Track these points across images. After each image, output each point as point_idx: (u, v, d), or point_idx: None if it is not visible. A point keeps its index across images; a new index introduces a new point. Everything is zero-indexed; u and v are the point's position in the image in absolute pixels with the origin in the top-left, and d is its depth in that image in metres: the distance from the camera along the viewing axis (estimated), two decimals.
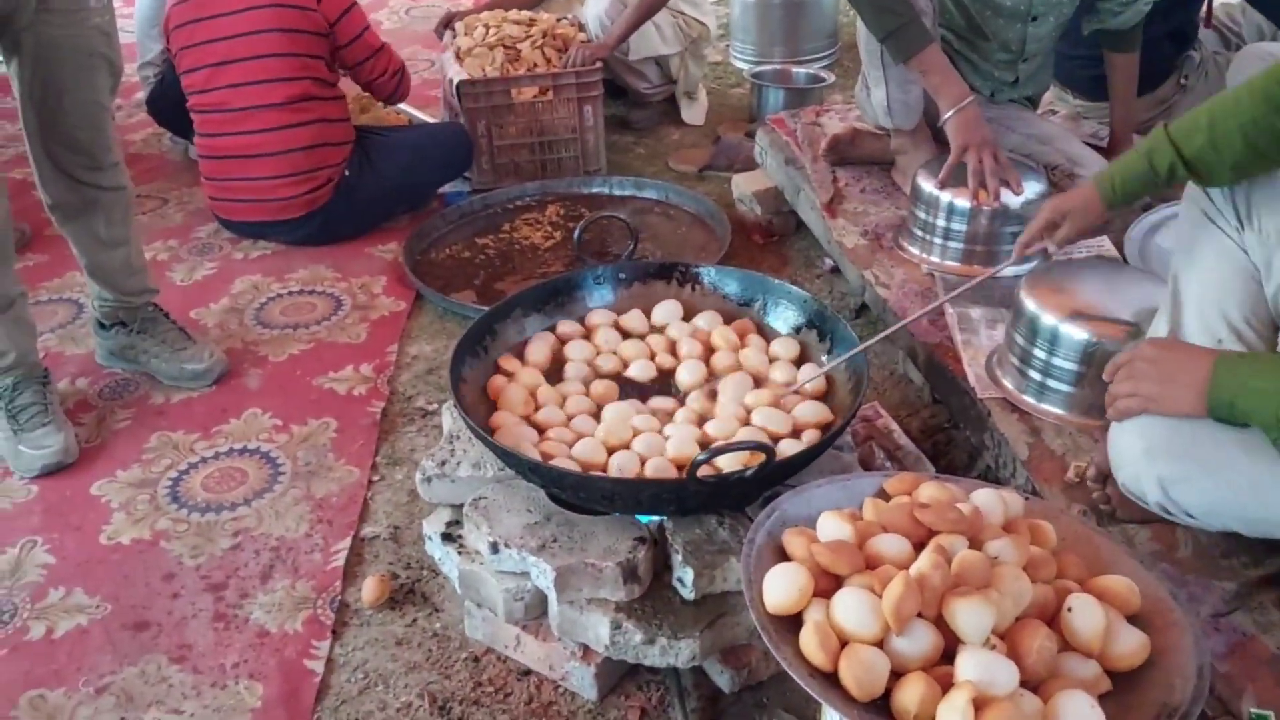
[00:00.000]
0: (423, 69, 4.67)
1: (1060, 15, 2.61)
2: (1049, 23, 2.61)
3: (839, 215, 2.77)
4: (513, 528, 1.71)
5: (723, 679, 1.74)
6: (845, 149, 2.95)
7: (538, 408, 1.88)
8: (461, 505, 1.78)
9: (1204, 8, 3.02)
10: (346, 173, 3.16)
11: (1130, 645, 1.26)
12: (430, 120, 3.79)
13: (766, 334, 2.06)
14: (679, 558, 1.67)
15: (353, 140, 3.20)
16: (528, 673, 1.79)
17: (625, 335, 2.06)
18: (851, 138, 2.95)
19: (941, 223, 2.41)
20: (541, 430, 1.82)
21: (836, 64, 4.50)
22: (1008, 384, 2.03)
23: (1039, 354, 1.94)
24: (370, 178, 3.19)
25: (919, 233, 2.49)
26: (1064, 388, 1.93)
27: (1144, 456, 1.52)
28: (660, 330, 2.06)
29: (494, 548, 1.70)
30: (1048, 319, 1.91)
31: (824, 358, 1.97)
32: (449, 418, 2.00)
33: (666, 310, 2.08)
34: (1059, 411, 1.94)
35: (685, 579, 1.66)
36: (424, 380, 2.61)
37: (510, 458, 1.69)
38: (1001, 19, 2.58)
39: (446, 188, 3.49)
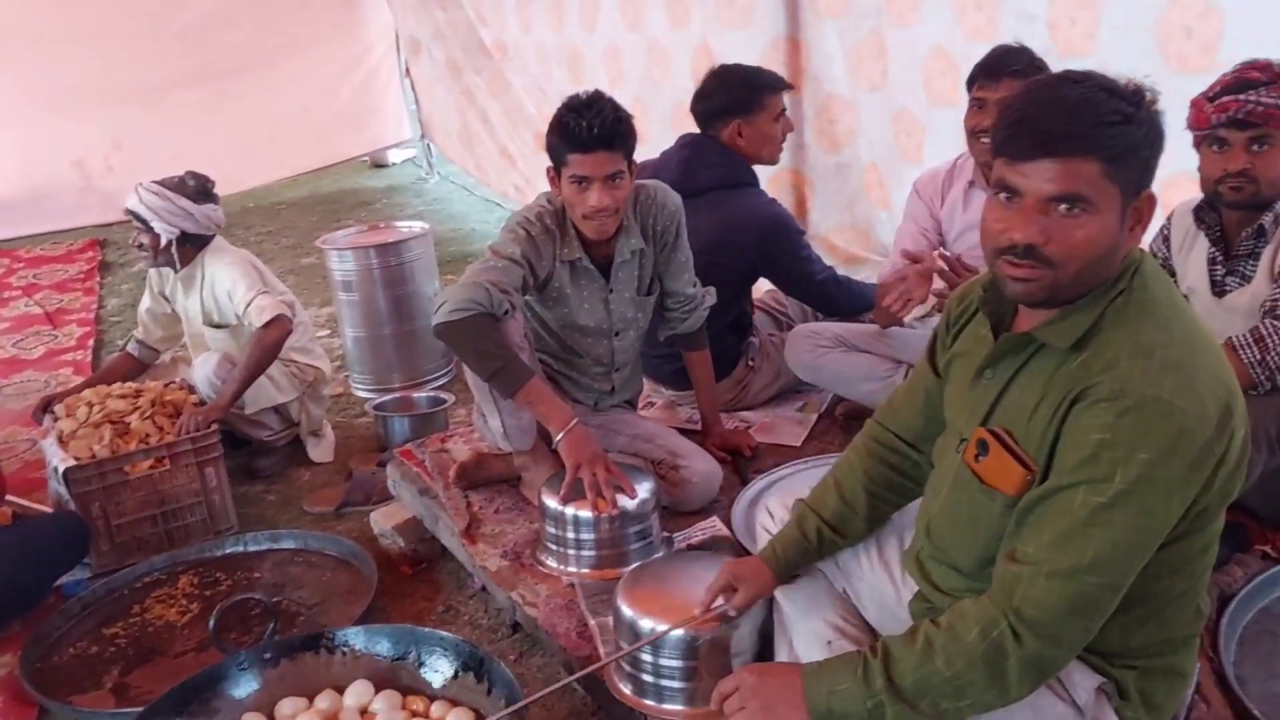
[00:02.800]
0: (23, 450, 4.41)
1: (638, 328, 2.97)
2: (629, 336, 2.95)
3: (478, 540, 2.87)
4: None
5: None
6: (474, 474, 3.10)
7: None
8: None
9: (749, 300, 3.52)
10: None
11: None
12: (41, 509, 3.56)
13: (423, 688, 2.08)
14: None
15: None
16: None
17: None
18: (477, 462, 3.10)
19: (571, 534, 2.58)
20: None
21: (455, 380, 4.71)
22: (627, 691, 2.14)
23: (645, 656, 2.07)
24: None
25: (553, 545, 2.64)
26: (677, 684, 2.07)
27: None
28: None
29: None
30: (644, 621, 2.06)
31: (483, 701, 2.01)
32: None
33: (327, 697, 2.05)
34: (679, 708, 2.08)
35: None
36: None
37: None
38: (589, 338, 2.89)
39: (64, 579, 3.26)
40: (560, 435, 2.58)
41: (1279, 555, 2.44)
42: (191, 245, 3.78)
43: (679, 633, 2.06)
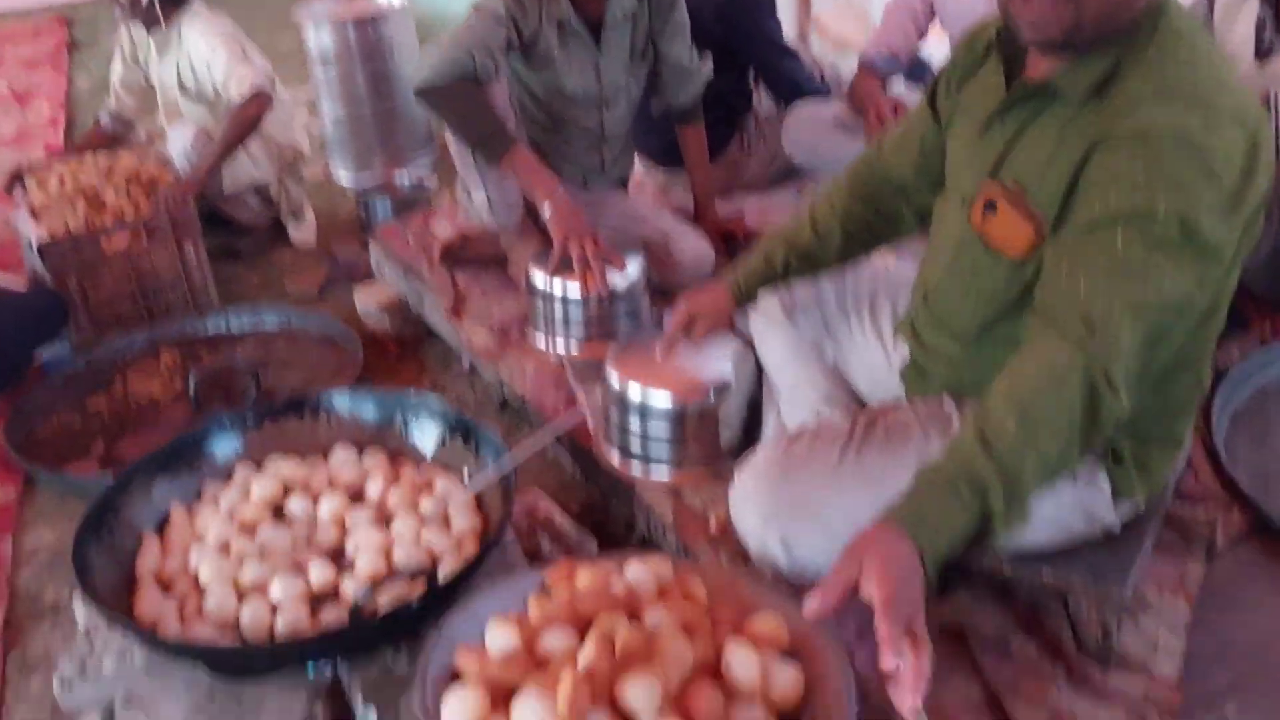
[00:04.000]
0: None
1: (629, 98, 2.83)
2: (620, 106, 2.82)
3: (465, 316, 2.82)
4: (174, 716, 1.60)
5: None
6: (458, 253, 3.02)
7: (192, 577, 1.76)
8: (113, 705, 1.65)
9: (752, 76, 3.36)
10: None
11: (786, 683, 1.36)
12: (14, 284, 3.48)
13: (410, 453, 2.06)
14: (360, 699, 1.63)
15: None
16: None
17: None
18: (462, 242, 3.02)
19: (559, 312, 2.52)
20: (184, 600, 1.71)
21: (439, 162, 4.58)
22: (616, 460, 2.14)
23: (633, 425, 2.06)
24: None
25: (541, 323, 2.59)
26: (664, 451, 2.06)
27: (762, 524, 1.62)
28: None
29: None
30: (634, 392, 2.04)
31: (466, 468, 1.99)
32: (82, 609, 1.85)
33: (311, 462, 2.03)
34: (664, 475, 2.09)
35: None
36: (50, 572, 2.38)
37: (155, 642, 1.58)
38: (578, 108, 2.76)
39: (45, 354, 3.22)
40: (547, 206, 2.49)
41: (1276, 334, 2.41)
42: (172, 1, 3.57)
43: (666, 402, 2.04)
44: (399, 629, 1.66)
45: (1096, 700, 1.62)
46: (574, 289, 2.47)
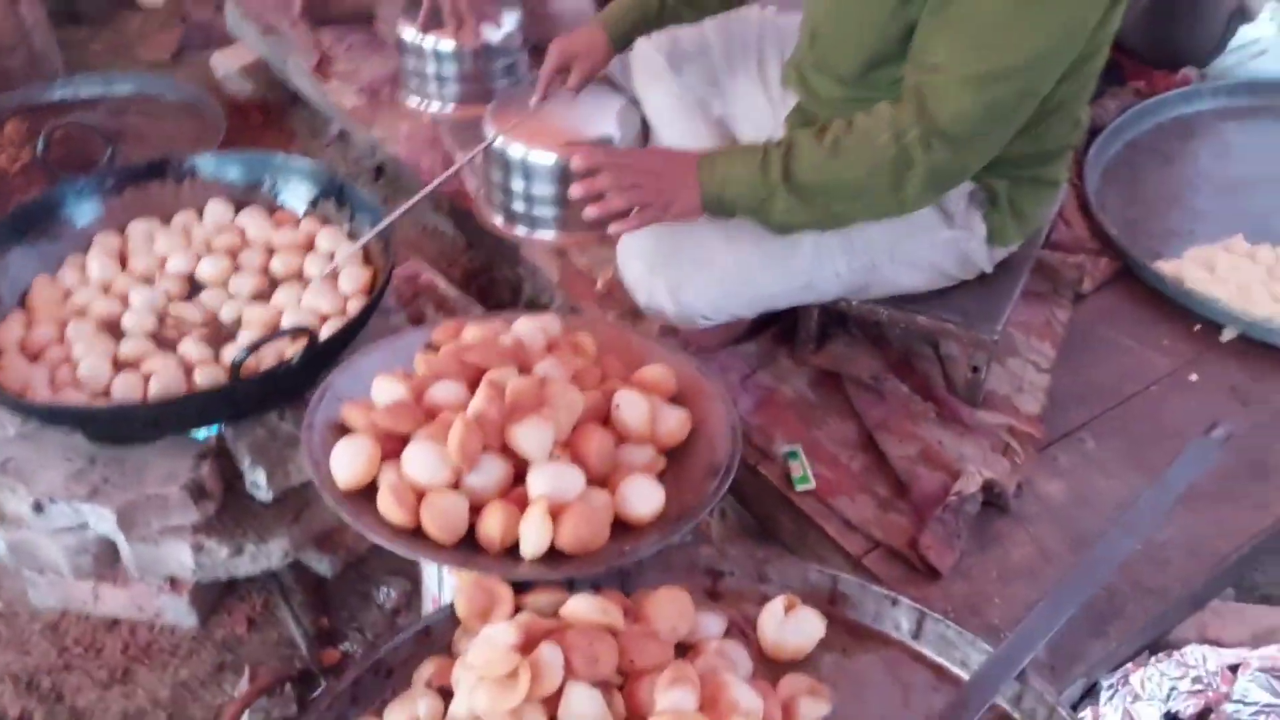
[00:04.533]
0: None
1: None
2: None
3: (331, 77, 2.68)
4: (54, 481, 1.57)
5: (322, 565, 1.73)
6: (321, 9, 2.83)
7: (65, 348, 1.69)
8: None
9: None
10: None
11: (672, 424, 1.39)
12: None
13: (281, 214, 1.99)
14: (248, 461, 1.63)
15: None
16: (116, 622, 1.69)
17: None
18: None
19: (432, 69, 2.39)
20: (55, 368, 1.65)
21: None
22: (499, 222, 2.08)
23: (516, 185, 2.00)
24: None
25: (414, 82, 2.46)
26: (549, 211, 2.01)
27: (648, 273, 1.64)
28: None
29: (38, 507, 1.56)
30: (515, 151, 1.96)
31: (346, 227, 1.93)
32: None
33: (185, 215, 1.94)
34: (550, 236, 2.03)
35: (259, 481, 1.63)
36: None
37: (21, 406, 1.53)
38: None
39: None
40: None
41: (1151, 92, 2.45)
42: None
43: (550, 159, 1.98)
44: (281, 389, 1.63)
45: (963, 434, 1.71)
46: (446, 44, 2.34)
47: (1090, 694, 1.49)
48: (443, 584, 1.42)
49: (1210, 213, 2.17)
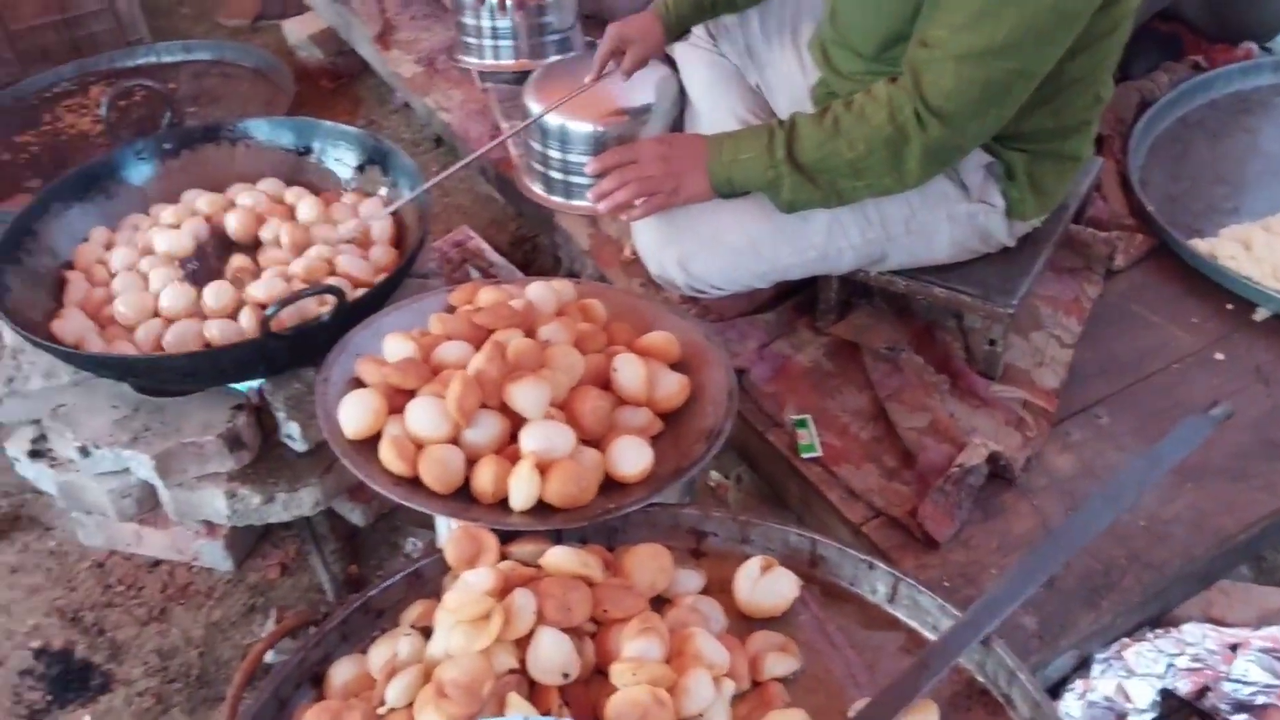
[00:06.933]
0: None
1: None
2: None
3: (392, 46, 2.76)
4: (100, 428, 1.67)
5: (355, 515, 1.81)
6: None
7: (110, 300, 1.78)
8: (41, 419, 1.72)
9: None
10: None
11: (671, 388, 1.43)
12: None
13: (328, 179, 2.06)
14: (283, 415, 1.70)
15: None
16: (157, 563, 1.80)
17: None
18: None
19: (487, 23, 2.42)
20: (107, 322, 1.75)
21: None
22: (538, 190, 2.13)
23: (554, 154, 2.03)
24: None
25: (470, 40, 2.49)
26: (586, 181, 2.03)
27: (659, 245, 1.68)
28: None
29: (84, 452, 1.66)
30: (552, 119, 2.00)
31: (385, 191, 1.99)
32: (7, 331, 1.89)
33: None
34: (585, 205, 2.03)
35: (293, 433, 1.70)
36: None
37: (75, 357, 1.63)
38: None
39: None
40: None
41: (1210, 67, 2.39)
42: None
43: (587, 128, 2.02)
44: (314, 346, 1.70)
45: (977, 407, 1.71)
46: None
47: (1083, 667, 1.49)
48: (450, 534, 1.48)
49: (1258, 190, 2.12)
